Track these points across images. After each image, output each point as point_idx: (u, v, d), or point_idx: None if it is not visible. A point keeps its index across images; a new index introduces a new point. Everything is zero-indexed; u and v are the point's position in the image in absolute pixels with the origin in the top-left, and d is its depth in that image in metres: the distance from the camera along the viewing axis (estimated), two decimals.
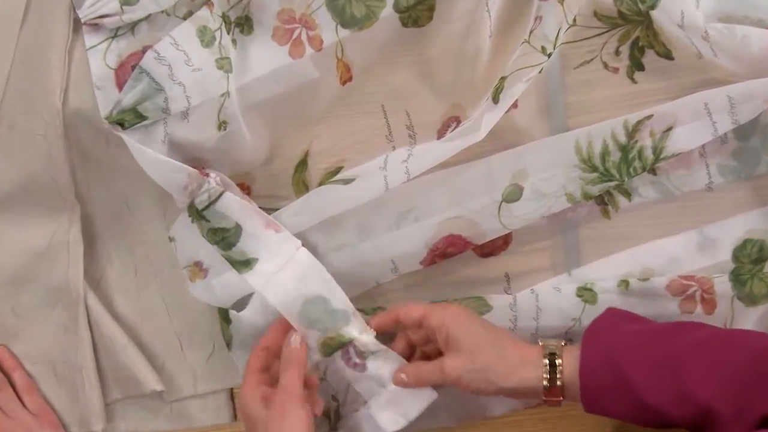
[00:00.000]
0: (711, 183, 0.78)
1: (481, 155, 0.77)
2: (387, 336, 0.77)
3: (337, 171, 0.80)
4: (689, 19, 0.72)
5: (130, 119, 0.71)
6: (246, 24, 0.76)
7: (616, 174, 0.76)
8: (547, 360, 0.69)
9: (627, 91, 0.78)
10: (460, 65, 0.78)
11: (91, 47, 0.73)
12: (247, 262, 0.74)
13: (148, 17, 0.73)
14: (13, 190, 0.77)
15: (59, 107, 0.75)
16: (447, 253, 0.78)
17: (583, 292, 0.78)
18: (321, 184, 0.79)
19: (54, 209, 0.78)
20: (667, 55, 0.77)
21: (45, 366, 0.80)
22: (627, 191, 0.79)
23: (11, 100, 0.75)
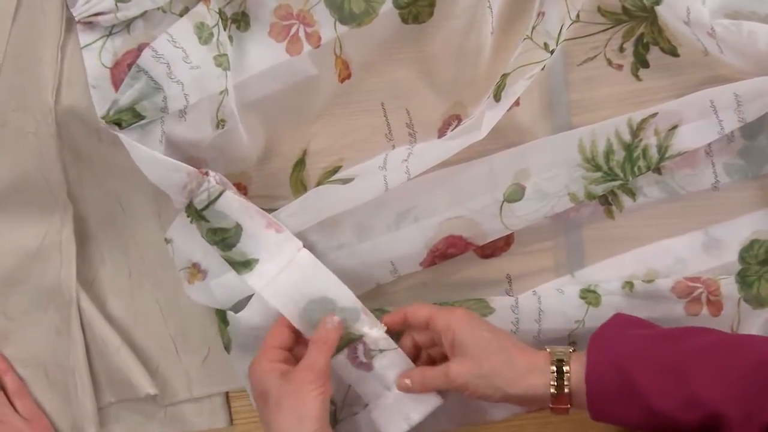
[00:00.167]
0: (717, 182, 0.78)
1: (483, 154, 0.77)
2: (394, 336, 0.76)
3: (336, 170, 0.80)
4: (695, 15, 0.72)
5: (127, 119, 0.71)
6: (242, 20, 0.75)
7: (620, 173, 0.76)
8: (555, 367, 0.69)
9: (631, 89, 0.77)
10: (461, 62, 0.77)
11: (86, 46, 0.72)
12: (248, 262, 0.74)
13: (143, 14, 0.72)
14: (4, 189, 0.77)
15: (51, 105, 0.74)
16: (447, 254, 0.78)
17: (587, 294, 0.78)
18: (319, 183, 0.79)
19: (46, 209, 0.78)
20: (673, 52, 0.77)
21: (37, 369, 0.80)
22: (631, 191, 0.79)
23: (2, 97, 0.74)
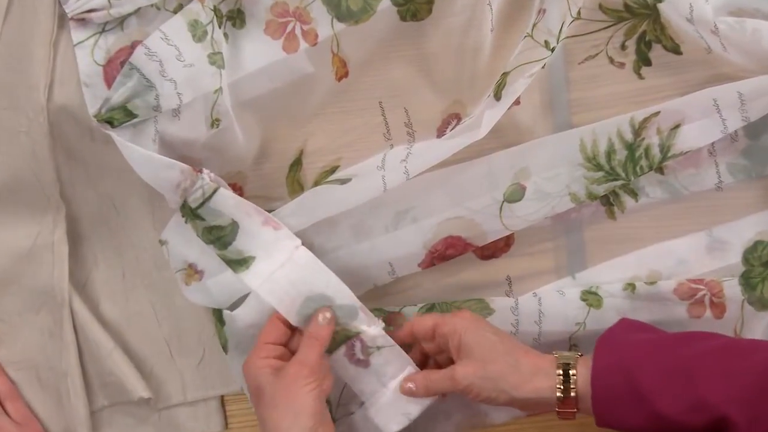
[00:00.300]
0: (720, 182, 0.78)
1: (482, 153, 0.76)
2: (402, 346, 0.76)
3: (333, 170, 0.79)
4: (698, 13, 0.72)
5: (119, 117, 0.70)
6: (238, 17, 0.75)
7: (621, 173, 0.76)
8: (561, 370, 0.69)
9: (633, 87, 0.77)
10: (460, 60, 0.77)
11: (78, 43, 0.72)
12: (244, 260, 0.73)
13: (137, 11, 0.72)
14: None
15: (43, 103, 0.74)
16: (446, 255, 0.78)
17: (588, 295, 0.77)
18: (316, 183, 0.79)
19: (38, 209, 0.78)
20: (675, 50, 0.76)
21: (28, 372, 0.80)
22: (633, 191, 0.78)
23: None
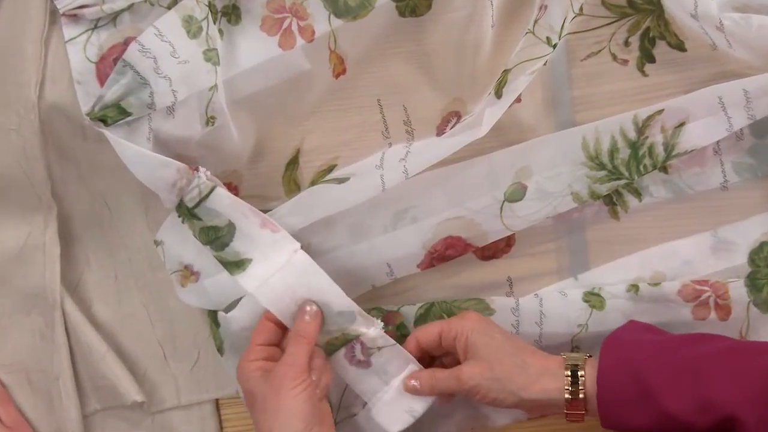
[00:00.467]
0: (726, 182, 0.77)
1: (483, 152, 0.76)
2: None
3: (331, 169, 0.79)
4: (703, 9, 0.71)
5: (113, 115, 0.70)
6: (233, 13, 0.74)
7: (625, 172, 0.75)
8: (569, 371, 0.69)
9: (637, 85, 0.77)
10: (460, 57, 0.76)
11: (70, 39, 0.71)
12: (241, 263, 0.73)
13: (130, 7, 0.71)
14: None
15: (34, 101, 0.73)
16: (446, 256, 0.77)
17: (590, 297, 0.77)
18: (313, 182, 0.79)
19: (29, 209, 0.77)
20: (680, 47, 0.76)
21: (19, 375, 0.80)
22: (637, 190, 0.78)
23: None
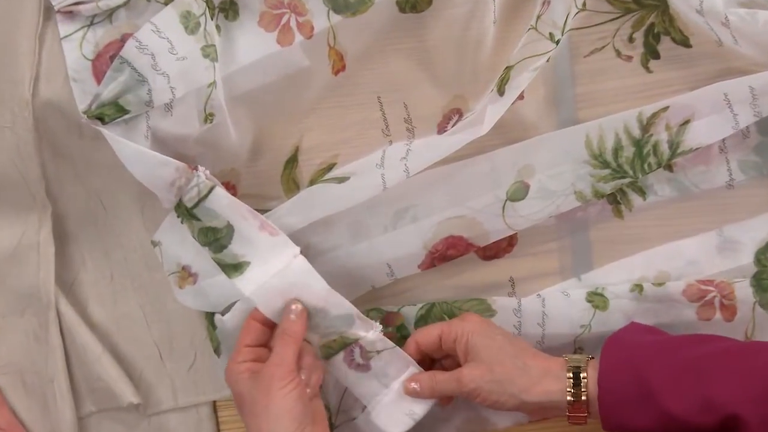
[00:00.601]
0: (732, 180, 0.77)
1: (485, 150, 0.76)
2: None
3: (330, 167, 0.78)
4: (708, 4, 0.71)
5: (110, 113, 0.69)
6: (231, 9, 0.74)
7: (629, 170, 0.75)
8: (572, 373, 0.69)
9: (641, 81, 0.76)
10: (461, 53, 0.76)
11: (66, 36, 0.71)
12: (239, 265, 0.72)
13: (126, 3, 0.71)
14: None
15: (28, 98, 0.73)
16: (447, 256, 0.77)
17: (594, 297, 0.77)
18: (313, 181, 0.78)
19: (23, 208, 0.77)
20: (685, 43, 0.75)
21: (13, 377, 0.79)
22: (641, 189, 0.77)
23: None
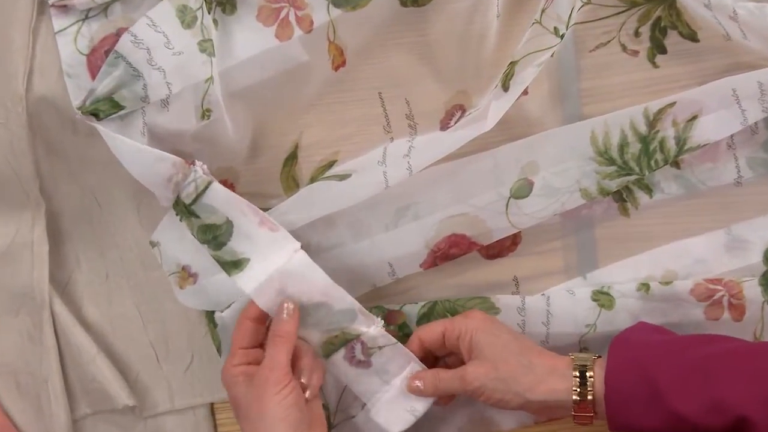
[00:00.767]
0: (740, 177, 0.76)
1: (488, 147, 0.75)
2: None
3: (331, 165, 0.78)
4: None
5: (105, 109, 0.68)
6: (228, 3, 0.73)
7: (635, 167, 0.74)
8: (578, 372, 0.69)
9: (648, 76, 0.76)
10: (464, 48, 0.75)
11: (60, 31, 0.70)
12: (238, 262, 0.71)
13: None
14: None
15: (22, 94, 0.72)
16: (450, 255, 0.76)
17: (599, 296, 0.76)
18: (313, 179, 0.78)
19: (16, 205, 0.76)
20: (692, 37, 0.75)
21: (6, 378, 0.79)
22: (648, 186, 0.77)
23: None
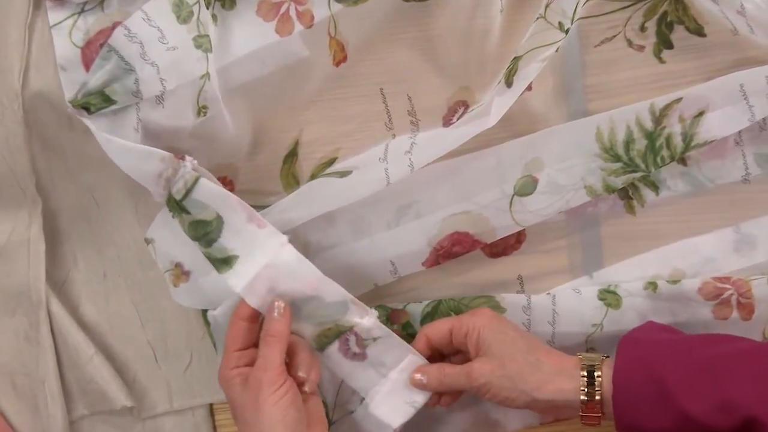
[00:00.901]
0: (748, 174, 0.76)
1: (491, 143, 0.75)
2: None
3: (331, 162, 0.77)
4: None
5: (96, 103, 0.68)
6: None
7: (641, 164, 0.74)
8: (586, 371, 0.68)
9: (654, 72, 0.75)
10: (467, 43, 0.75)
11: (56, 24, 0.70)
12: (228, 260, 0.71)
13: None
14: None
15: (18, 89, 0.72)
16: (452, 253, 0.76)
17: (606, 294, 0.76)
18: (313, 176, 0.77)
19: (12, 203, 0.76)
20: (699, 32, 0.74)
21: (3, 378, 0.79)
22: (654, 183, 0.77)
23: None
